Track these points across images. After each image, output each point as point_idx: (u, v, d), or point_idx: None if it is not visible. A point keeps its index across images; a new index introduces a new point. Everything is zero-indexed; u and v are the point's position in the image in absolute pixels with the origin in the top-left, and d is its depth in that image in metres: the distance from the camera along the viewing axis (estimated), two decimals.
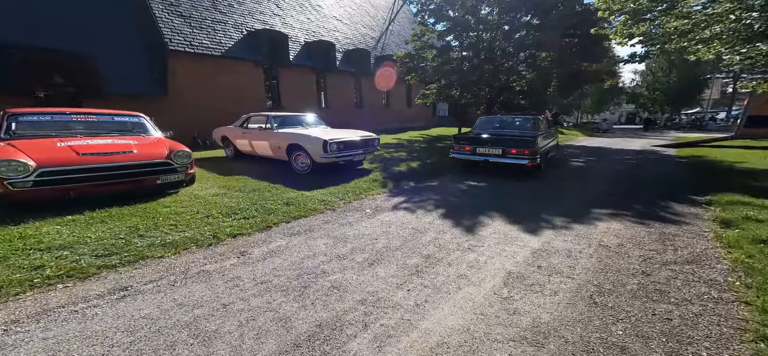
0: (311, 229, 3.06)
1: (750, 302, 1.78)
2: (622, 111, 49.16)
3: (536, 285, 2.10)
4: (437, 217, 3.51)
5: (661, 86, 34.04)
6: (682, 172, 6.43)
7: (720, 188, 4.58)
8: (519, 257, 2.51)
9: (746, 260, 2.27)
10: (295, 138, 5.52)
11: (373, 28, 22.79)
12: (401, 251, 2.61)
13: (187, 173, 4.18)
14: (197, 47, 10.56)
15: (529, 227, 3.15)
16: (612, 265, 2.37)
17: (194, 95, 10.81)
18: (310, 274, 2.19)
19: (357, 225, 3.20)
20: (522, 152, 5.56)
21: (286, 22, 15.11)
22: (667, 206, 3.87)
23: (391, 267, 2.32)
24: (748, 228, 2.85)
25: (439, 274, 2.24)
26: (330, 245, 2.69)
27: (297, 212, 3.46)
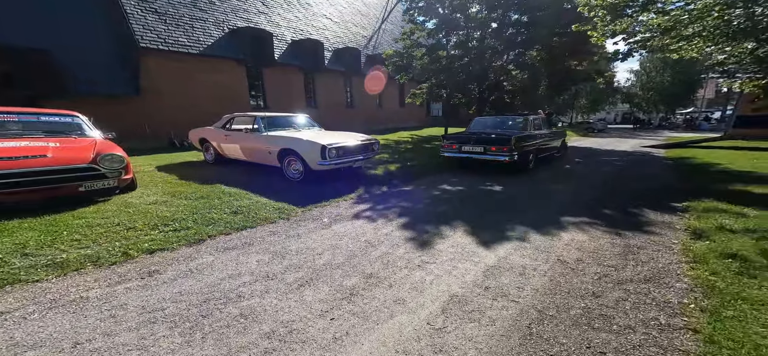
0: (251, 242, 2.85)
1: (699, 330, 1.59)
2: (618, 111, 49.16)
3: (476, 312, 1.91)
4: (397, 227, 3.32)
5: (655, 86, 34.01)
6: (666, 175, 6.27)
7: (701, 192, 4.41)
8: (468, 277, 2.32)
9: (708, 279, 2.09)
10: (288, 143, 5.04)
11: (365, 27, 22.61)
12: (342, 269, 2.42)
13: (121, 179, 3.86)
14: (173, 45, 10.28)
15: (490, 240, 2.97)
16: (564, 284, 2.19)
17: (170, 95, 10.53)
18: (220, 299, 1.98)
19: (306, 237, 3.01)
20: (501, 149, 5.90)
21: (272, 20, 14.85)
22: (641, 213, 3.69)
23: (323, 290, 2.12)
24: (719, 240, 2.67)
25: (375, 298, 2.05)
26: (263, 262, 2.48)
27: (243, 223, 3.25)
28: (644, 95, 36.99)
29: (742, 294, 1.84)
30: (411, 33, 13.51)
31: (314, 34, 16.75)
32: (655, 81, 33.78)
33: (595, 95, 37.16)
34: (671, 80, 31.61)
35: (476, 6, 12.78)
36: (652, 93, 34.93)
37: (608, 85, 38.02)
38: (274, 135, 5.35)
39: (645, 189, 4.93)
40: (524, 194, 4.78)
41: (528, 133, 6.57)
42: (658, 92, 33.85)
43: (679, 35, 5.49)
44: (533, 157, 6.68)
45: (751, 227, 2.90)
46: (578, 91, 32.83)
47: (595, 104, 39.41)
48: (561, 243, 2.88)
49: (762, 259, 2.28)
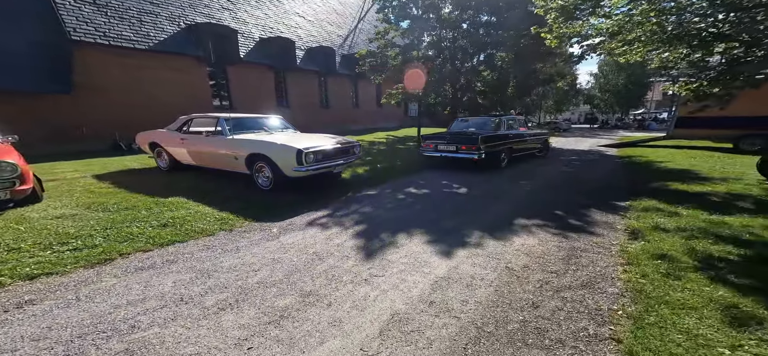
0: (175, 260, 2.56)
1: (621, 340, 1.59)
2: (581, 111, 52.51)
3: (415, 332, 1.80)
4: (352, 236, 3.17)
5: (611, 88, 36.69)
6: (615, 174, 6.63)
7: (642, 191, 4.68)
8: (415, 291, 2.22)
9: (638, 282, 2.14)
10: (258, 147, 4.52)
11: (340, 26, 22.20)
12: (278, 287, 2.22)
13: (14, 190, 3.37)
14: (115, 39, 9.39)
15: (444, 247, 2.90)
16: (507, 295, 2.15)
17: (115, 93, 9.64)
18: (104, 333, 1.69)
19: (245, 251, 2.76)
20: (470, 148, 6.33)
21: (238, 17, 14.09)
22: (588, 214, 3.81)
23: (249, 313, 1.92)
24: (652, 240, 2.79)
25: (309, 321, 1.87)
26: (181, 283, 2.22)
27: (171, 237, 2.93)
28: (602, 97, 39.82)
29: (666, 297, 1.89)
30: (385, 32, 13.40)
31: (285, 33, 16.16)
32: (611, 83, 36.42)
33: (559, 96, 39.45)
34: (625, 83, 34.25)
35: (448, 6, 12.95)
36: (609, 95, 37.66)
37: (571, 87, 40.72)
38: (241, 138, 4.81)
39: (596, 189, 5.16)
40: (487, 195, 4.82)
41: (499, 132, 6.97)
42: (614, 93, 36.53)
43: (624, 40, 5.84)
44: (506, 155, 7.03)
45: (682, 225, 3.07)
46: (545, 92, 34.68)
47: (560, 105, 41.84)
48: (512, 249, 2.87)
49: (688, 259, 2.39)
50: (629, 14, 5.34)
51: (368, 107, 21.90)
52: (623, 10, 5.58)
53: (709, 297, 1.84)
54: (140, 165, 6.72)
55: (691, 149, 9.84)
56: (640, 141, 12.94)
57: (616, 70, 34.54)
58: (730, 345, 1.43)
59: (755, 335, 1.50)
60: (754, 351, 1.39)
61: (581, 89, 42.74)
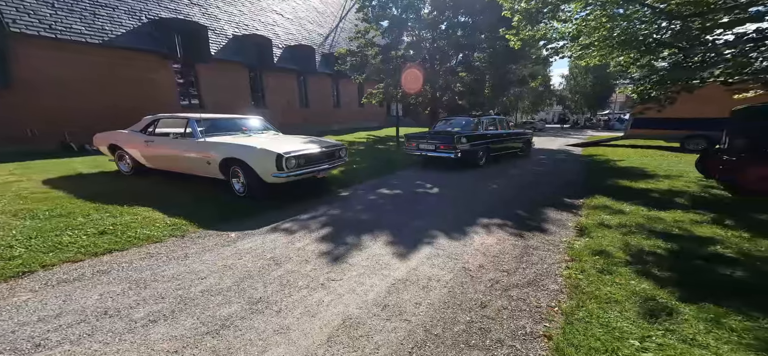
0: (108, 270, 2.40)
1: (552, 336, 1.69)
2: (555, 112, 55.14)
3: (364, 338, 1.80)
4: (315, 240, 3.12)
5: (580, 89, 38.84)
6: (577, 172, 7.01)
7: (596, 189, 4.98)
8: (371, 295, 2.22)
9: (577, 278, 2.28)
10: (233, 150, 4.20)
11: (321, 24, 21.83)
12: (224, 295, 2.14)
13: None
14: (63, 33, 8.72)
15: (407, 248, 2.93)
16: (459, 296, 2.21)
17: (64, 90, 8.95)
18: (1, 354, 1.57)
19: (193, 259, 2.64)
20: (447, 147, 6.71)
21: (209, 13, 13.50)
22: (546, 212, 4.00)
23: (185, 324, 1.83)
24: (596, 237, 2.98)
25: (253, 329, 1.82)
26: (109, 296, 2.08)
27: (107, 246, 2.74)
28: (572, 98, 42.05)
29: (596, 292, 2.03)
30: (365, 32, 13.32)
31: (262, 30, 15.68)
32: (580, 85, 38.51)
33: (535, 97, 41.20)
34: (592, 84, 36.33)
35: (427, 7, 13.09)
36: (579, 96, 39.82)
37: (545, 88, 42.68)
38: (214, 141, 4.48)
39: (557, 187, 5.43)
40: (457, 194, 4.93)
41: (477, 133, 7.36)
42: (583, 95, 38.66)
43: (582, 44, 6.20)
44: (484, 154, 7.42)
45: (623, 222, 3.31)
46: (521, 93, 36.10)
47: (536, 105, 43.73)
48: (471, 249, 2.95)
49: (622, 254, 2.58)
50: (586, 20, 5.67)
51: (350, 107, 21.72)
52: (581, 16, 5.90)
53: (633, 290, 2.00)
54: (90, 169, 6.23)
55: (644, 148, 10.63)
56: (602, 141, 13.81)
57: (584, 73, 36.57)
58: (640, 337, 1.56)
59: (662, 326, 1.64)
60: (659, 341, 1.52)
61: (554, 90, 44.86)
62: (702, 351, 1.45)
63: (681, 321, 1.67)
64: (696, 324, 1.65)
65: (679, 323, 1.65)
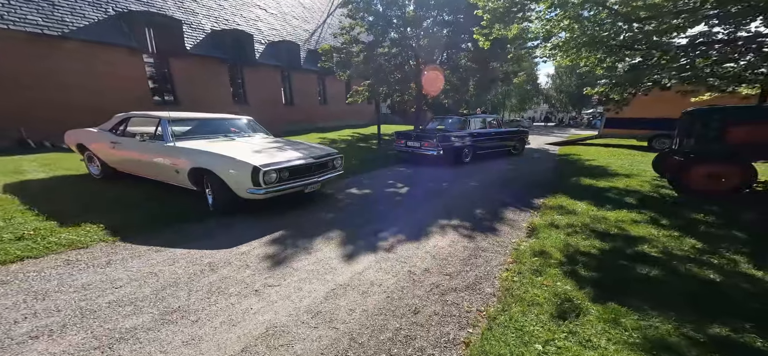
0: (10, 280, 2.24)
1: (469, 344, 1.70)
2: (542, 110, 56.41)
3: (284, 347, 1.75)
4: (264, 243, 3.03)
5: (565, 88, 39.85)
6: (547, 172, 7.15)
7: (559, 188, 5.10)
8: (306, 301, 2.18)
9: (512, 280, 2.32)
10: (201, 159, 3.66)
11: (307, 20, 21.46)
12: (136, 304, 2.03)
13: None
14: (17, 23, 8.25)
15: (358, 252, 2.90)
16: (396, 301, 2.19)
17: (20, 85, 8.50)
18: None
19: (116, 265, 2.50)
20: (431, 144, 7.09)
21: (184, 7, 13.04)
22: (505, 212, 4.06)
23: (73, 339, 1.71)
24: (542, 238, 3.04)
25: (156, 341, 1.72)
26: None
27: (21, 252, 2.57)
28: (558, 97, 43.09)
29: (523, 295, 2.06)
30: (350, 28, 13.16)
31: (243, 25, 15.29)
32: (565, 84, 39.50)
33: (523, 95, 41.97)
34: (577, 84, 37.31)
35: (412, 5, 13.05)
36: (563, 95, 40.84)
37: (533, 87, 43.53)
38: (182, 147, 3.88)
39: (524, 186, 5.52)
40: (424, 194, 4.95)
41: (461, 131, 7.62)
42: (567, 94, 39.67)
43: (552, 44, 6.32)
44: (470, 152, 7.78)
45: (572, 222, 3.39)
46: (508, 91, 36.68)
47: (523, 103, 44.55)
48: (422, 251, 2.95)
49: (559, 255, 2.63)
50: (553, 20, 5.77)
51: (336, 104, 21.47)
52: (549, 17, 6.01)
53: (555, 291, 2.04)
54: (40, 167, 5.87)
55: (616, 147, 10.99)
56: (579, 140, 14.21)
57: (569, 73, 37.49)
58: (545, 341, 1.59)
59: (568, 328, 1.68)
60: (560, 344, 1.56)
61: (541, 89, 45.84)
62: (593, 352, 1.50)
63: (585, 322, 1.72)
64: (596, 324, 1.70)
65: (583, 324, 1.70)
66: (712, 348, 1.62)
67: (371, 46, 13.18)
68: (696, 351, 1.61)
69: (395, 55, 13.84)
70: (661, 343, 1.63)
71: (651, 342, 1.60)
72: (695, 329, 1.72)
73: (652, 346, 1.60)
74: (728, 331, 1.71)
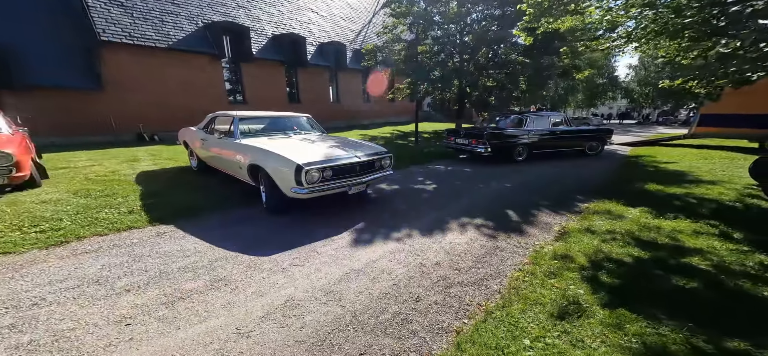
0: (120, 244, 2.97)
1: (460, 331, 1.77)
2: (620, 106, 48.90)
3: (296, 317, 2.02)
4: (294, 228, 3.43)
5: (651, 80, 33.81)
6: (604, 174, 6.42)
7: (611, 192, 4.57)
8: (322, 281, 2.45)
9: (522, 280, 2.28)
10: (256, 156, 3.82)
11: (354, 20, 22.48)
12: (196, 271, 2.52)
13: (12, 176, 3.93)
14: (139, 39, 10.47)
15: (375, 242, 3.12)
16: (400, 289, 2.35)
17: (139, 89, 10.81)
18: (10, 307, 2.06)
19: (189, 239, 3.10)
20: (479, 142, 7.24)
21: (252, 14, 14.89)
22: (537, 215, 3.86)
23: (151, 294, 2.20)
24: (570, 242, 2.85)
25: (205, 302, 2.14)
26: (108, 266, 2.58)
27: (130, 223, 3.34)
28: (641, 91, 36.84)
29: (529, 293, 2.03)
30: (393, 27, 13.55)
31: (298, 29, 16.72)
32: (651, 76, 33.62)
33: (591, 90, 37.04)
34: (669, 75, 31.41)
35: (454, 1, 12.85)
36: (650, 89, 34.76)
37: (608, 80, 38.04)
38: (245, 143, 4.12)
39: (569, 190, 5.08)
40: (451, 193, 4.96)
41: (513, 129, 7.61)
42: (655, 87, 33.69)
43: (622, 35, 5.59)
44: (524, 151, 7.70)
45: (613, 228, 3.07)
46: (571, 86, 32.78)
47: (592, 99, 39.28)
48: (436, 246, 3.04)
49: (583, 260, 2.46)
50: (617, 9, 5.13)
51: (379, 102, 22.07)
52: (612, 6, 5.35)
53: (564, 293, 1.96)
54: (149, 155, 7.44)
55: (712, 148, 9.06)
56: (661, 140, 12.06)
57: (662, 64, 31.84)
58: (535, 337, 1.58)
59: (563, 327, 1.62)
60: (549, 341, 1.53)
61: (620, 82, 39.86)
62: (580, 351, 1.44)
63: (583, 324, 1.64)
64: (595, 326, 1.62)
65: (581, 325, 1.63)
66: None
67: (412, 44, 13.32)
68: None
69: (437, 52, 13.74)
70: (659, 351, 1.54)
71: (648, 349, 1.52)
72: (707, 341, 1.57)
73: (647, 353, 1.51)
74: (748, 345, 1.49)
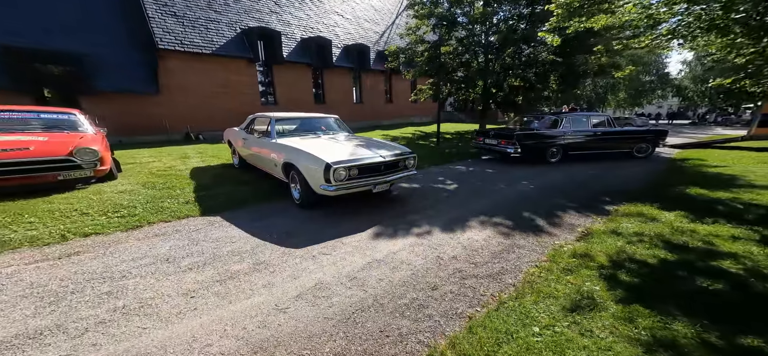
0: (180, 230, 3.44)
1: (472, 317, 1.90)
2: (671, 105, 44.63)
3: (324, 298, 2.25)
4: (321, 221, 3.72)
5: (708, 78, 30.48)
6: (643, 177, 6.08)
7: (647, 196, 4.38)
8: (348, 269, 2.68)
9: (538, 275, 2.34)
10: (290, 154, 4.14)
11: (377, 22, 22.86)
12: (241, 255, 2.88)
13: (96, 170, 4.54)
14: (188, 46, 11.58)
15: (395, 236, 3.32)
16: (419, 278, 2.51)
17: (186, 92, 11.97)
18: (103, 278, 2.47)
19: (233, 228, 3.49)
20: (509, 142, 7.21)
21: (283, 19, 15.75)
22: (562, 216, 3.83)
23: (208, 273, 2.57)
24: (593, 242, 2.84)
25: (249, 281, 2.46)
26: (175, 247, 3.02)
27: (187, 212, 3.86)
28: (695, 88, 33.37)
29: (543, 287, 2.09)
30: (416, 28, 13.66)
31: (324, 32, 17.35)
32: (708, 73, 30.35)
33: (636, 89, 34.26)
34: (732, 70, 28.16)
35: (480, 1, 12.66)
36: (707, 87, 31.39)
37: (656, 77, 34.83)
38: (280, 143, 4.50)
39: (601, 192, 4.92)
40: (475, 192, 5.04)
41: (549, 130, 7.54)
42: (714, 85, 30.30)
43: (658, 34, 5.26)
44: (558, 152, 7.52)
45: (641, 231, 2.99)
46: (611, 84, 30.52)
47: (637, 97, 36.26)
48: (454, 242, 3.16)
49: (604, 259, 2.46)
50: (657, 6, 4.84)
51: (401, 102, 22.22)
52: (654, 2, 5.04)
53: (579, 289, 2.00)
54: (197, 152, 8.25)
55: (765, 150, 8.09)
56: (714, 141, 10.94)
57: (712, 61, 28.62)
58: (544, 325, 1.66)
59: (572, 318, 1.68)
60: (558, 330, 1.60)
61: (671, 79, 36.43)
62: (588, 340, 1.50)
63: (595, 316, 1.69)
64: (607, 319, 1.66)
65: (592, 317, 1.68)
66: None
67: (436, 45, 13.30)
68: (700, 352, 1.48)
69: (461, 53, 13.60)
70: (668, 343, 1.57)
71: (657, 341, 1.55)
72: (719, 337, 1.57)
73: (655, 344, 1.55)
74: (761, 342, 1.47)
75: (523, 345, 1.56)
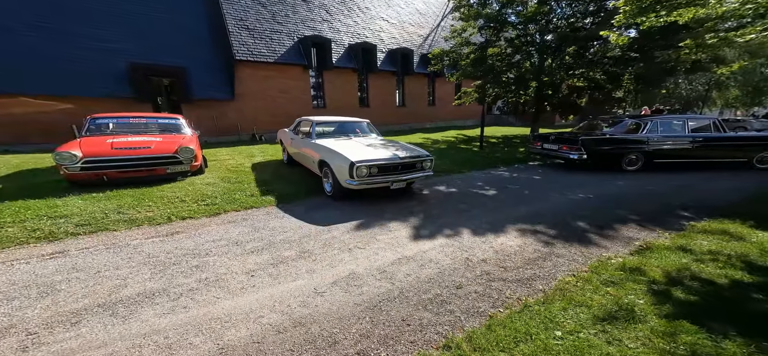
0: (246, 219, 4.02)
1: (494, 316, 1.91)
2: None
3: (356, 287, 2.48)
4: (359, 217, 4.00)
5: None
6: (746, 191, 5.07)
7: (741, 213, 3.69)
8: (378, 262, 2.89)
9: (574, 284, 2.23)
10: (324, 153, 4.89)
11: (422, 26, 23.01)
12: (290, 243, 3.30)
13: (192, 165, 5.41)
14: (257, 56, 13.30)
15: (426, 236, 3.44)
16: (446, 276, 2.60)
17: (254, 98, 13.77)
18: (194, 253, 3.09)
19: (286, 219, 3.99)
20: (572, 148, 6.89)
21: (333, 27, 16.95)
22: (618, 228, 3.50)
23: (265, 256, 3.04)
24: (649, 257, 2.57)
25: (295, 266, 2.83)
26: (242, 233, 3.57)
27: (251, 203, 4.51)
28: None
29: (576, 296, 1.99)
30: (462, 30, 13.49)
31: (370, 38, 18.15)
32: None
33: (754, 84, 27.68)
34: None
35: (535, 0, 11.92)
36: None
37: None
38: (317, 143, 5.28)
39: (678, 205, 4.30)
40: (516, 199, 4.86)
41: (626, 134, 7.00)
42: None
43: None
44: (639, 159, 6.87)
45: (718, 249, 2.55)
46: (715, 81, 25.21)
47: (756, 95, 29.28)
48: (486, 246, 3.15)
49: (658, 274, 2.23)
50: None
51: (445, 105, 21.90)
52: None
53: (618, 301, 1.84)
54: (259, 151, 9.46)
55: None
56: None
57: None
58: (569, 331, 1.59)
59: (601, 327, 1.57)
60: (583, 336, 1.52)
61: None
62: (612, 348, 1.39)
63: (628, 328, 1.56)
64: (642, 331, 1.52)
65: (625, 329, 1.54)
66: None
67: (483, 46, 12.85)
68: None
69: (511, 54, 12.90)
70: None
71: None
72: None
73: None
74: None
75: (541, 346, 1.55)
